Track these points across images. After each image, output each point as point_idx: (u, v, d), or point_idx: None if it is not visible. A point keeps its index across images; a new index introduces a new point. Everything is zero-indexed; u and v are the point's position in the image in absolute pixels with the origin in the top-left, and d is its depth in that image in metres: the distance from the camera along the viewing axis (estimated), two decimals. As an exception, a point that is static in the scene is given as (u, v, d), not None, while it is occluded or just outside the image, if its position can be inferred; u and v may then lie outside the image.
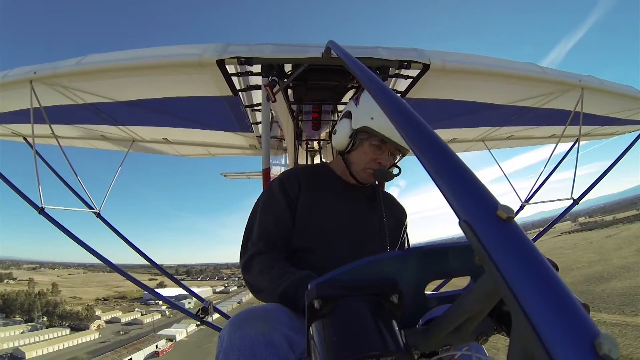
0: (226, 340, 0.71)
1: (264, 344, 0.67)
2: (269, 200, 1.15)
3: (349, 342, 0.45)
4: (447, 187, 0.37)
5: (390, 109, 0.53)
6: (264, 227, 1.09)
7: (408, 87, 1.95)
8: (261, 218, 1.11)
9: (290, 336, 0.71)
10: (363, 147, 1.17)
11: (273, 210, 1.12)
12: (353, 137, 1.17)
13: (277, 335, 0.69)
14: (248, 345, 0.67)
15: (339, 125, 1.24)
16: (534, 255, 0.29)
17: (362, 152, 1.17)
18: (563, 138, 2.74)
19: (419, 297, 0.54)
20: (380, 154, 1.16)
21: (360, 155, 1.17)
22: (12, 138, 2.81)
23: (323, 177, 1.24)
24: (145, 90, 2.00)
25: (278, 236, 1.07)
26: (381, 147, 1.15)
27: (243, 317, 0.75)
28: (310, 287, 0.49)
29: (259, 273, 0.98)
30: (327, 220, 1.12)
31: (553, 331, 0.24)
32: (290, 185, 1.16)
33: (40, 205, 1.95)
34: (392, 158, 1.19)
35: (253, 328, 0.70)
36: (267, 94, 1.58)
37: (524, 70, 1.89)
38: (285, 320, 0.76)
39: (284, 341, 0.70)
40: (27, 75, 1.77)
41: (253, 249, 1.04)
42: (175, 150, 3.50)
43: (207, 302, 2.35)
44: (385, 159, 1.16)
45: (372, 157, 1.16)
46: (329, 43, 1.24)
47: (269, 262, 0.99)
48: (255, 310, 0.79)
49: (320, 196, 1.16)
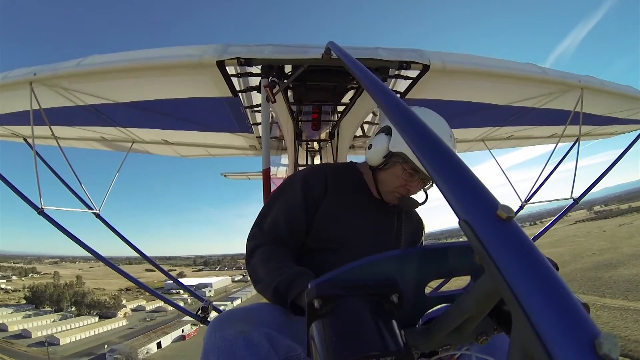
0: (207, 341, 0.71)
1: (244, 344, 0.68)
2: (288, 197, 1.12)
3: (349, 342, 0.45)
4: (447, 187, 0.37)
5: (389, 109, 0.53)
6: (274, 222, 1.07)
7: (408, 88, 1.95)
8: (275, 212, 1.09)
9: (271, 335, 0.71)
10: (396, 170, 1.13)
11: (289, 208, 1.10)
12: (388, 157, 1.13)
13: (257, 335, 0.70)
14: (228, 345, 0.68)
15: (375, 139, 1.18)
16: (534, 255, 0.29)
17: (394, 175, 1.13)
18: (563, 138, 2.74)
19: (419, 297, 0.54)
20: (411, 181, 1.12)
21: (391, 178, 1.14)
22: (12, 139, 2.81)
23: (350, 183, 1.22)
24: (145, 92, 2.00)
25: (286, 235, 1.06)
26: (414, 175, 1.12)
27: (223, 318, 0.75)
28: (310, 286, 0.49)
29: (259, 263, 0.98)
30: (346, 230, 1.11)
31: (553, 331, 0.24)
32: (315, 184, 1.13)
33: (40, 206, 1.95)
34: (421, 185, 1.16)
35: (233, 328, 0.70)
36: (267, 94, 1.58)
37: (523, 70, 1.89)
38: (267, 320, 0.76)
39: (264, 340, 0.70)
40: (27, 76, 1.77)
41: (258, 240, 1.04)
42: (175, 151, 3.50)
43: (206, 301, 2.34)
44: (416, 187, 1.14)
45: (402, 183, 1.12)
46: (329, 44, 1.23)
47: (269, 255, 0.99)
48: (235, 311, 0.80)
49: (344, 204, 1.14)
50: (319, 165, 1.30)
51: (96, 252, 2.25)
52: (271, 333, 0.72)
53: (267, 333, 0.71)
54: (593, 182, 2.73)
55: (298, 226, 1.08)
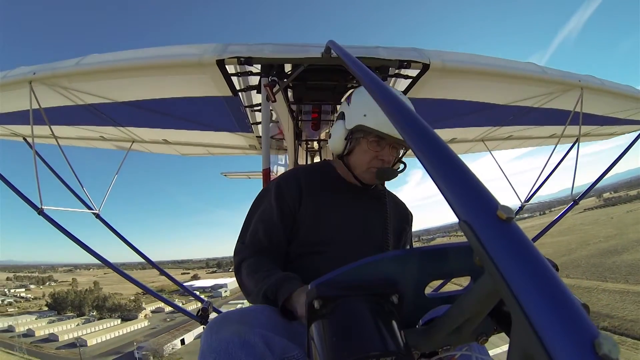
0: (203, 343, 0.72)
1: (240, 345, 0.68)
2: (264, 208, 1.12)
3: (349, 342, 0.45)
4: (447, 188, 0.37)
5: (390, 109, 0.53)
6: (254, 233, 1.08)
7: (408, 87, 1.95)
8: (254, 224, 1.10)
9: (266, 335, 0.72)
10: (361, 146, 1.11)
11: (266, 219, 1.09)
12: (349, 138, 1.12)
13: (252, 335, 0.70)
14: (224, 346, 0.68)
15: (333, 128, 1.19)
16: (534, 256, 0.29)
17: (362, 152, 1.11)
18: (563, 138, 2.74)
19: (419, 298, 0.54)
20: (380, 150, 1.10)
21: (360, 156, 1.12)
22: (12, 138, 2.80)
23: (326, 178, 1.20)
24: (144, 91, 1.99)
25: (267, 245, 1.06)
26: (380, 143, 1.10)
27: (219, 320, 0.76)
28: (311, 287, 0.49)
29: (246, 277, 1.00)
30: (330, 225, 1.10)
31: (553, 331, 0.24)
32: (288, 190, 1.12)
33: (40, 206, 1.95)
34: (394, 152, 1.12)
35: (228, 330, 0.70)
36: (267, 94, 1.58)
37: (523, 70, 1.89)
38: (262, 321, 0.77)
39: (260, 340, 0.70)
40: (27, 76, 1.77)
41: (242, 254, 1.05)
42: (176, 150, 3.49)
43: (207, 302, 2.34)
44: (387, 154, 1.10)
45: (372, 155, 1.10)
46: (329, 43, 1.23)
47: (255, 267, 1.00)
48: (231, 313, 0.80)
49: (323, 200, 1.12)
50: (291, 170, 1.29)
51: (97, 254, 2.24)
52: (267, 333, 0.72)
53: (262, 334, 0.71)
54: (593, 183, 2.73)
55: (277, 236, 1.07)
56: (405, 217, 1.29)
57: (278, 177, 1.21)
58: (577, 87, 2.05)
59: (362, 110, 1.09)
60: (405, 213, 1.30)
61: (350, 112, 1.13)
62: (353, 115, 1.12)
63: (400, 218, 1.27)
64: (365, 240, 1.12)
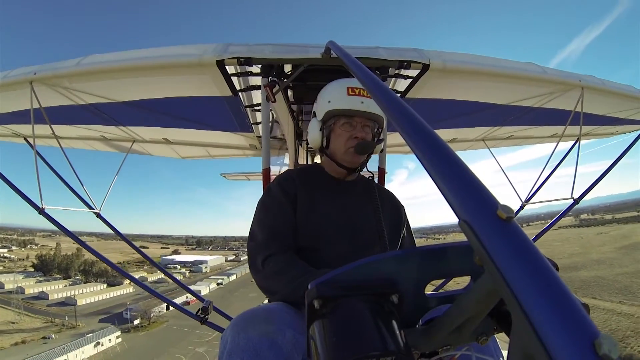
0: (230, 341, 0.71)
1: (268, 345, 0.68)
2: (273, 202, 1.14)
3: (349, 342, 0.45)
4: (447, 187, 0.37)
5: (390, 109, 0.53)
6: (273, 228, 1.07)
7: (408, 87, 1.95)
8: (269, 220, 1.10)
9: (294, 337, 0.72)
10: (335, 131, 1.19)
11: (279, 210, 1.11)
12: (322, 128, 1.20)
13: (280, 336, 0.70)
14: (252, 346, 0.68)
15: (309, 127, 1.28)
16: (534, 255, 0.29)
17: (337, 137, 1.18)
18: (563, 138, 2.74)
19: (419, 297, 0.54)
20: (352, 129, 1.16)
21: (336, 141, 1.19)
22: (13, 139, 2.81)
23: (316, 177, 1.25)
24: (145, 91, 2.00)
25: (288, 236, 1.07)
26: (351, 123, 1.16)
27: (246, 318, 0.75)
28: (311, 287, 0.49)
29: (274, 275, 0.97)
30: (324, 220, 1.12)
31: (553, 331, 0.24)
32: (287, 185, 1.17)
33: (41, 206, 1.95)
34: (367, 129, 1.19)
35: (257, 329, 0.71)
36: (267, 94, 1.58)
37: (524, 70, 1.89)
38: (288, 321, 0.77)
39: (288, 342, 0.70)
40: (27, 75, 1.77)
41: (267, 251, 1.02)
42: (176, 152, 3.50)
43: (207, 301, 2.33)
44: (360, 131, 1.16)
45: (347, 136, 1.16)
46: (329, 43, 1.24)
47: (285, 264, 0.98)
48: (257, 310, 0.80)
49: (316, 197, 1.16)
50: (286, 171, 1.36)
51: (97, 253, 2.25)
52: (293, 334, 0.73)
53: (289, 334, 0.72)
54: (593, 182, 2.72)
55: (292, 222, 1.10)
56: (397, 208, 1.31)
57: (276, 177, 1.25)
58: (578, 87, 2.05)
59: (326, 99, 1.20)
60: (396, 205, 1.32)
61: (318, 106, 1.23)
62: (320, 107, 1.22)
63: (393, 210, 1.29)
64: (359, 232, 1.13)
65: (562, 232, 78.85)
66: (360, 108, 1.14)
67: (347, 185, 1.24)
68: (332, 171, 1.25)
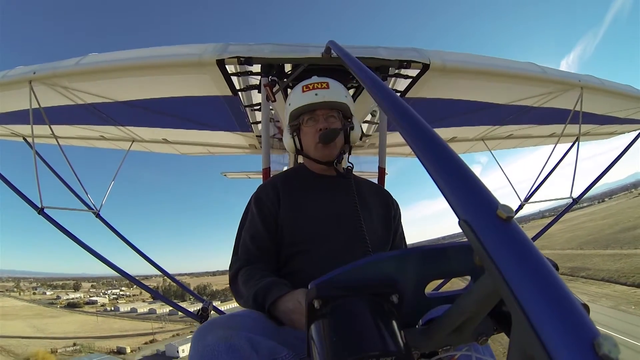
0: (191, 350, 0.73)
1: (225, 349, 0.69)
2: (246, 218, 1.18)
3: (348, 342, 0.45)
4: (447, 187, 0.37)
5: (390, 108, 0.53)
6: (244, 245, 1.13)
7: (408, 87, 1.95)
8: (243, 236, 1.15)
9: (253, 339, 0.72)
10: (303, 131, 1.24)
11: (250, 226, 1.15)
12: (292, 132, 1.26)
13: (238, 340, 0.71)
14: (209, 351, 0.69)
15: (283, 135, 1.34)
16: (534, 255, 0.28)
17: (305, 135, 1.23)
18: (563, 137, 2.74)
19: (419, 297, 0.54)
20: (315, 123, 1.21)
21: (305, 139, 1.24)
22: (12, 138, 2.80)
23: (300, 178, 1.26)
24: (144, 91, 1.99)
25: (256, 253, 1.10)
26: (313, 118, 1.21)
27: (206, 327, 0.77)
28: (311, 287, 0.49)
29: (242, 284, 1.02)
30: (308, 221, 1.12)
31: (553, 331, 0.24)
32: (266, 196, 1.17)
33: (40, 206, 1.95)
34: (332, 119, 1.22)
35: (215, 335, 0.71)
36: (267, 93, 1.58)
37: (523, 69, 1.89)
38: (248, 325, 0.78)
39: (246, 344, 0.71)
40: (26, 75, 1.77)
41: (236, 266, 1.09)
42: (175, 149, 3.49)
43: (207, 302, 2.33)
44: (323, 123, 1.20)
45: (313, 131, 1.20)
46: (329, 43, 1.24)
47: (249, 274, 1.03)
48: (218, 319, 0.81)
49: (299, 199, 1.17)
50: (269, 178, 1.40)
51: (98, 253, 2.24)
52: (252, 336, 0.73)
53: (248, 337, 0.72)
54: (592, 182, 2.72)
55: (264, 243, 1.11)
56: (386, 202, 1.30)
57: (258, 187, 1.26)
58: (577, 86, 2.05)
59: (288, 104, 1.28)
60: (385, 198, 1.31)
61: (285, 113, 1.31)
62: (286, 113, 1.28)
63: (382, 204, 1.27)
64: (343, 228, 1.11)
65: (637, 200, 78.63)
66: (315, 100, 1.19)
67: (330, 180, 1.25)
68: (314, 168, 1.28)
